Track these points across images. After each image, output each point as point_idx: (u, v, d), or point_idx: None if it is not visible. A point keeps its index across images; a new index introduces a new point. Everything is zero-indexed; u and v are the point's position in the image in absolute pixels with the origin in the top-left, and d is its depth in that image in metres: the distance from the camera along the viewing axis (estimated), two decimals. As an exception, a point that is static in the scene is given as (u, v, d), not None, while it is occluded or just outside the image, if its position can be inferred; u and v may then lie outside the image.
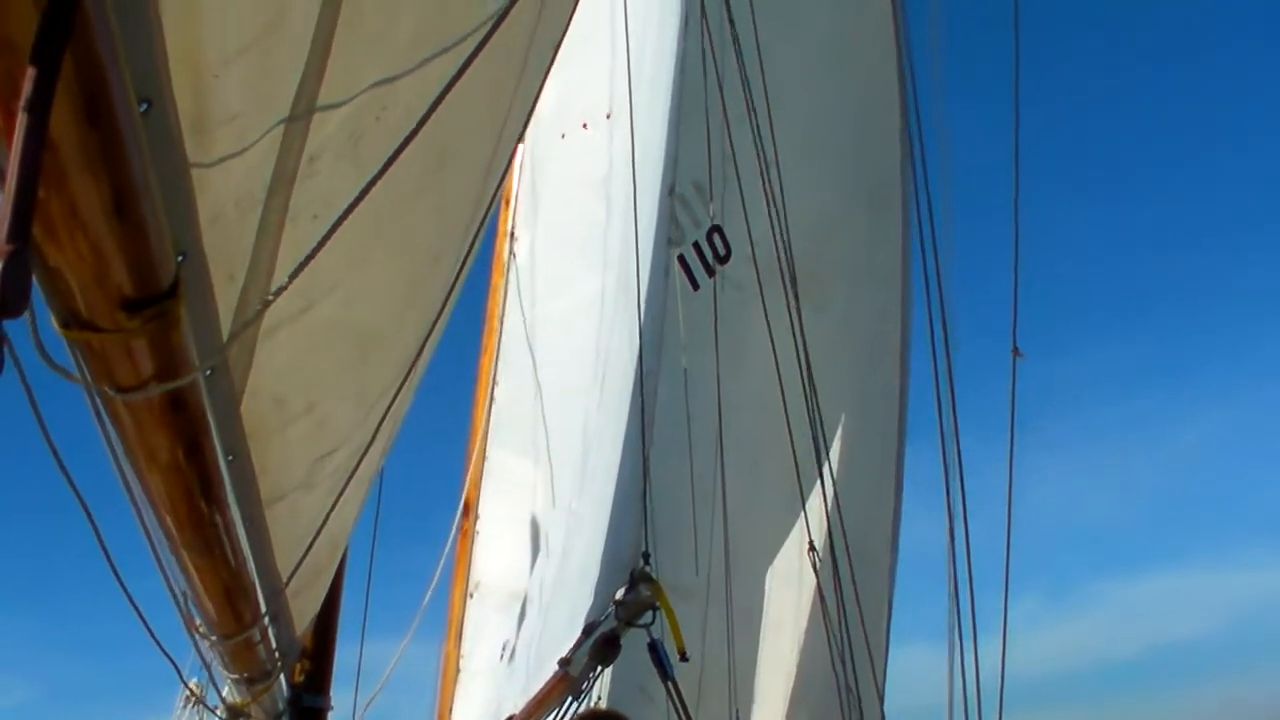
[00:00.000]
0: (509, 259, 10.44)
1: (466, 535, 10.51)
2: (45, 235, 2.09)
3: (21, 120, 1.68)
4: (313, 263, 2.76)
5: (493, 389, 10.48)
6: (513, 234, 10.52)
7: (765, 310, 8.76)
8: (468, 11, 2.85)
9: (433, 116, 2.78)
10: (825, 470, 9.26)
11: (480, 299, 10.68)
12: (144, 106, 2.12)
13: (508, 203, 10.49)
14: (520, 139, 5.06)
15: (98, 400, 2.63)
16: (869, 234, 11.38)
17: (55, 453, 2.70)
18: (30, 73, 1.68)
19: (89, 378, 2.53)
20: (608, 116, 9.45)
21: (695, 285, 10.24)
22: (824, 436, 9.08)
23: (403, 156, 2.75)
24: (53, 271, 2.22)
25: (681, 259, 10.13)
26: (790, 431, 8.82)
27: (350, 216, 2.73)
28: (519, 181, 10.53)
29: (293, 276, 2.72)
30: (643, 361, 7.74)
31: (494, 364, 10.46)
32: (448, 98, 2.84)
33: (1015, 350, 9.04)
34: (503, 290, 10.42)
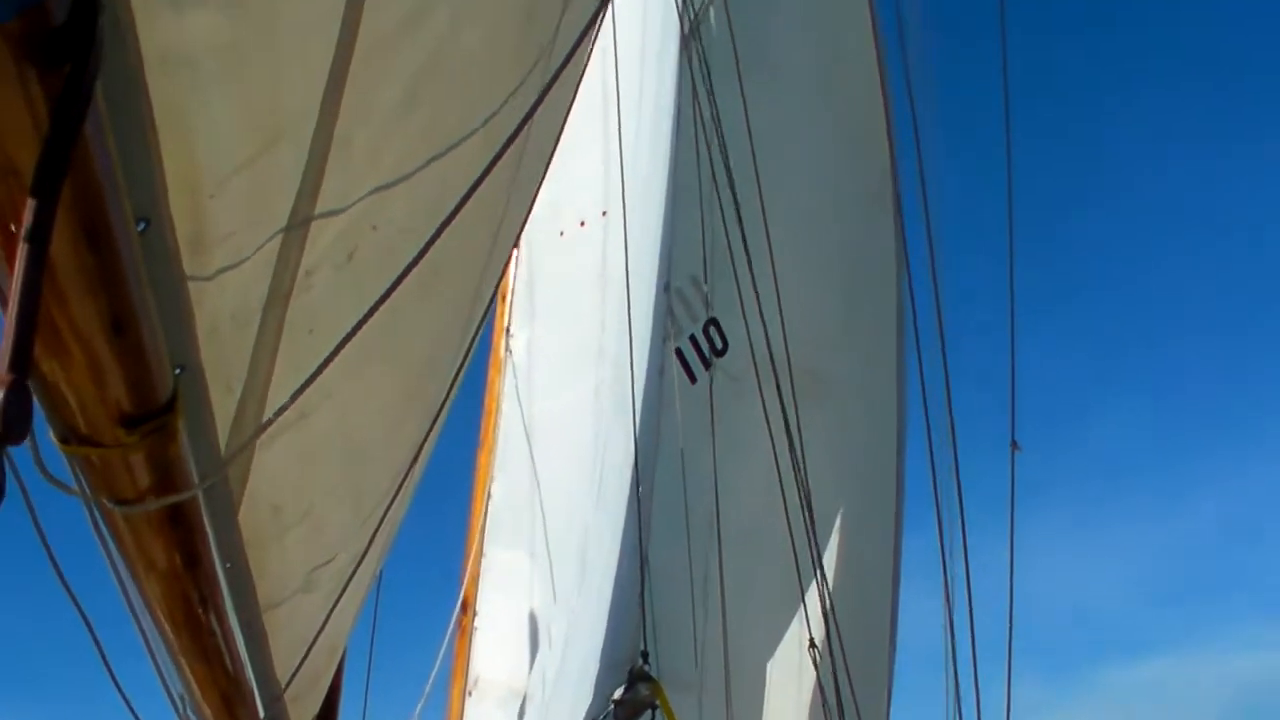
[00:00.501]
0: (506, 356, 10.48)
1: (465, 632, 10.47)
2: (45, 354, 2.12)
3: (22, 250, 1.71)
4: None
5: (490, 485, 10.48)
6: (509, 330, 10.57)
7: (764, 404, 8.78)
8: (460, 129, 2.90)
9: (427, 228, 2.82)
10: (821, 564, 9.25)
11: (477, 395, 10.71)
12: (141, 226, 2.16)
13: (504, 299, 10.54)
14: (516, 243, 5.11)
15: (96, 513, 2.66)
16: (867, 325, 11.45)
17: (56, 566, 2.73)
18: (31, 203, 1.72)
19: (88, 491, 2.55)
20: (603, 214, 9.53)
21: (693, 378, 10.30)
22: (816, 532, 9.08)
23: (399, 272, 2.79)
24: (52, 388, 2.25)
25: (679, 352, 10.19)
26: (789, 525, 8.83)
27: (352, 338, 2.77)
28: (515, 277, 10.59)
29: (294, 397, 2.75)
30: (639, 466, 7.77)
31: (491, 460, 10.46)
32: (441, 205, 2.89)
33: (1013, 444, 9.06)
34: (499, 387, 10.45)
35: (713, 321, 10.41)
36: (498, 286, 4.71)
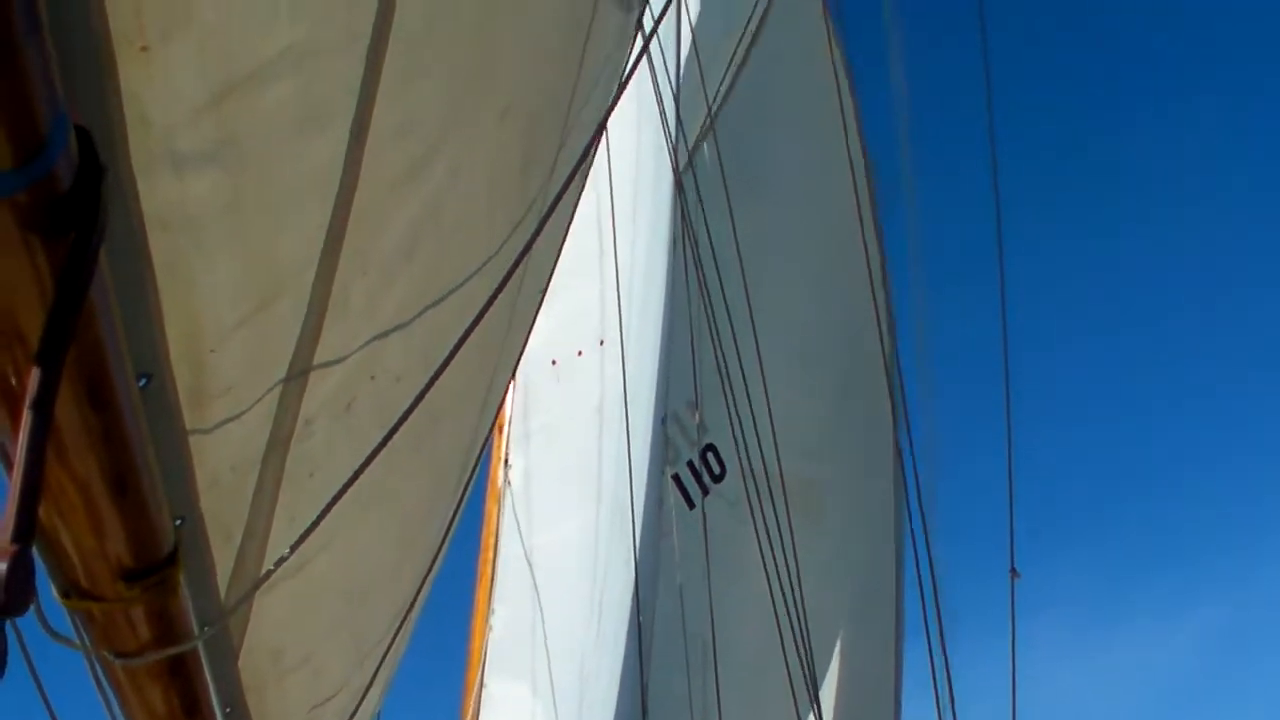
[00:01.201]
0: (504, 486, 10.47)
1: (467, 766, 10.36)
2: (46, 510, 2.14)
3: (27, 418, 1.73)
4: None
5: (490, 617, 10.42)
6: (506, 460, 10.58)
7: (757, 532, 8.77)
8: (457, 275, 2.94)
9: (423, 375, 2.85)
10: (818, 697, 9.19)
11: (475, 526, 10.68)
12: (143, 381, 2.19)
13: (500, 429, 10.56)
14: (511, 379, 5.15)
15: (97, 666, 2.66)
16: (863, 444, 11.49)
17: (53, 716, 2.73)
18: (36, 372, 1.75)
19: (89, 644, 2.55)
20: (601, 343, 9.58)
21: (690, 504, 10.30)
22: (814, 657, 9.02)
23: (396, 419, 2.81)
24: (53, 544, 2.26)
25: (676, 478, 10.20)
26: (784, 652, 8.78)
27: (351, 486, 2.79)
28: (512, 406, 10.62)
29: (294, 548, 2.76)
30: (639, 595, 7.75)
31: (490, 592, 10.42)
32: (437, 352, 2.92)
33: (1013, 572, 9.04)
34: (497, 518, 10.43)
35: (709, 447, 10.44)
36: (494, 421, 4.73)
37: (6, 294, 1.79)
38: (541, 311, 4.49)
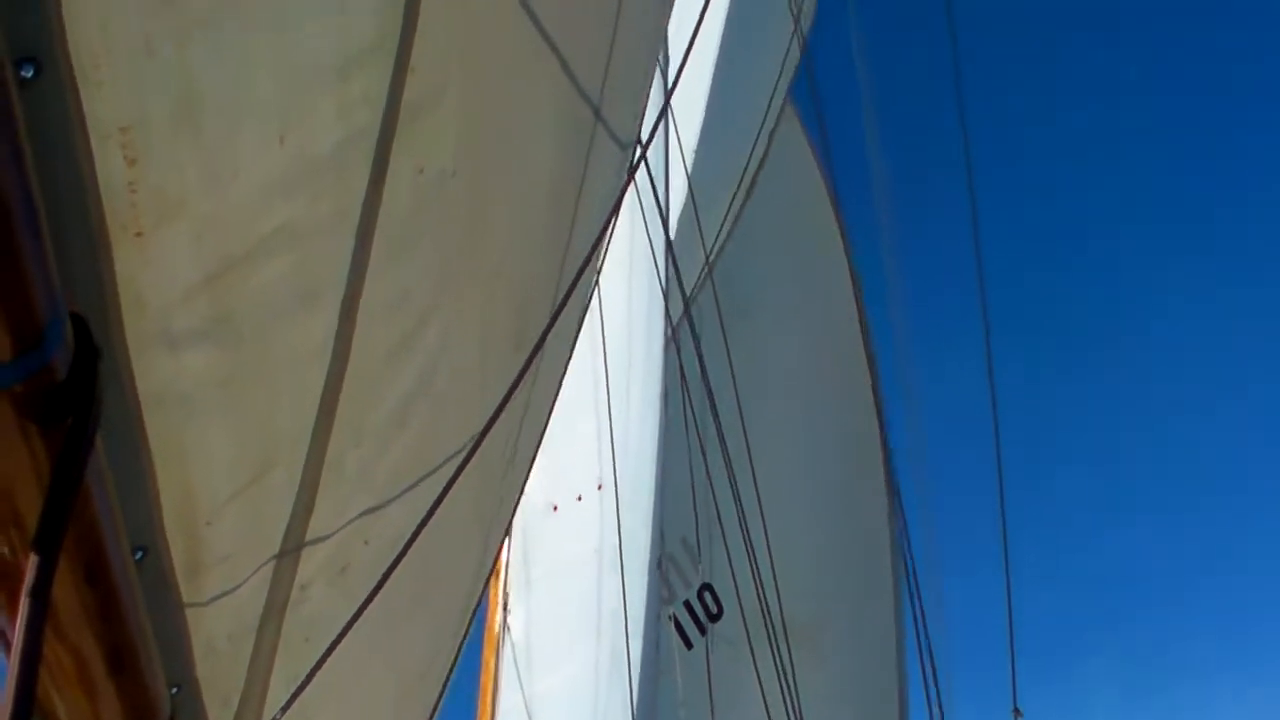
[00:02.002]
0: (502, 634, 10.41)
1: None
2: (43, 685, 2.15)
3: (24, 605, 1.76)
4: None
5: (489, 767, 10.31)
6: (506, 607, 10.52)
7: (758, 671, 8.74)
8: (450, 440, 2.97)
9: (420, 537, 2.87)
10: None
11: (472, 676, 10.57)
12: (139, 555, 2.21)
13: (497, 576, 10.52)
14: (507, 532, 5.16)
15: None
16: (862, 572, 11.48)
17: None
18: (34, 560, 1.77)
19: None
20: (599, 487, 9.59)
21: (689, 644, 10.25)
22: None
23: (392, 579, 2.83)
24: (50, 717, 2.27)
25: (674, 619, 10.17)
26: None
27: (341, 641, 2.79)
28: (510, 552, 10.59)
29: (284, 709, 2.76)
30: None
31: (490, 743, 10.31)
32: (435, 515, 2.94)
33: (1016, 712, 9.00)
34: (495, 667, 10.35)
35: (707, 586, 10.43)
36: (490, 572, 4.74)
37: (3, 481, 1.83)
38: (540, 456, 4.52)
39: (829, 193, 12.22)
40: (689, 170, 9.87)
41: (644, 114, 3.97)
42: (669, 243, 8.63)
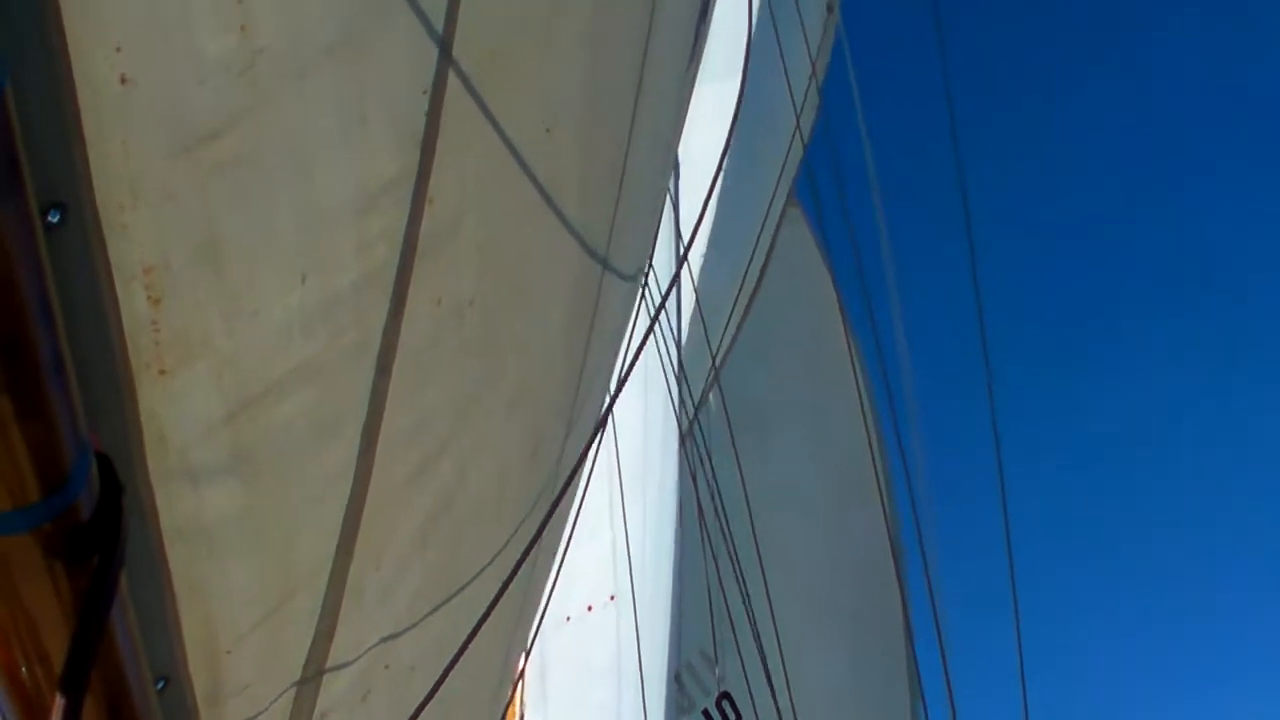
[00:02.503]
0: (523, 744, 10.34)
1: None
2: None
3: (51, 746, 1.77)
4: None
5: None
6: (522, 717, 10.46)
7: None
8: (470, 562, 2.99)
9: (438, 664, 2.88)
10: None
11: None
12: (160, 684, 2.22)
13: (514, 684, 10.45)
14: (529, 648, 5.16)
15: None
16: (879, 689, 11.41)
17: None
18: (60, 700, 1.79)
19: None
20: (611, 598, 9.57)
21: (709, 754, 10.16)
22: None
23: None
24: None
25: (694, 728, 10.10)
26: None
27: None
28: (528, 663, 10.54)
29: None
30: None
31: None
32: (452, 640, 2.94)
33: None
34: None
35: (725, 695, 10.35)
36: (512, 684, 4.73)
37: (30, 618, 1.84)
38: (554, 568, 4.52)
39: (836, 295, 12.27)
40: (695, 280, 9.94)
41: (656, 237, 4.02)
42: (680, 360, 8.67)
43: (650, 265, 4.76)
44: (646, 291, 4.74)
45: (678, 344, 8.71)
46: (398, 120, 2.12)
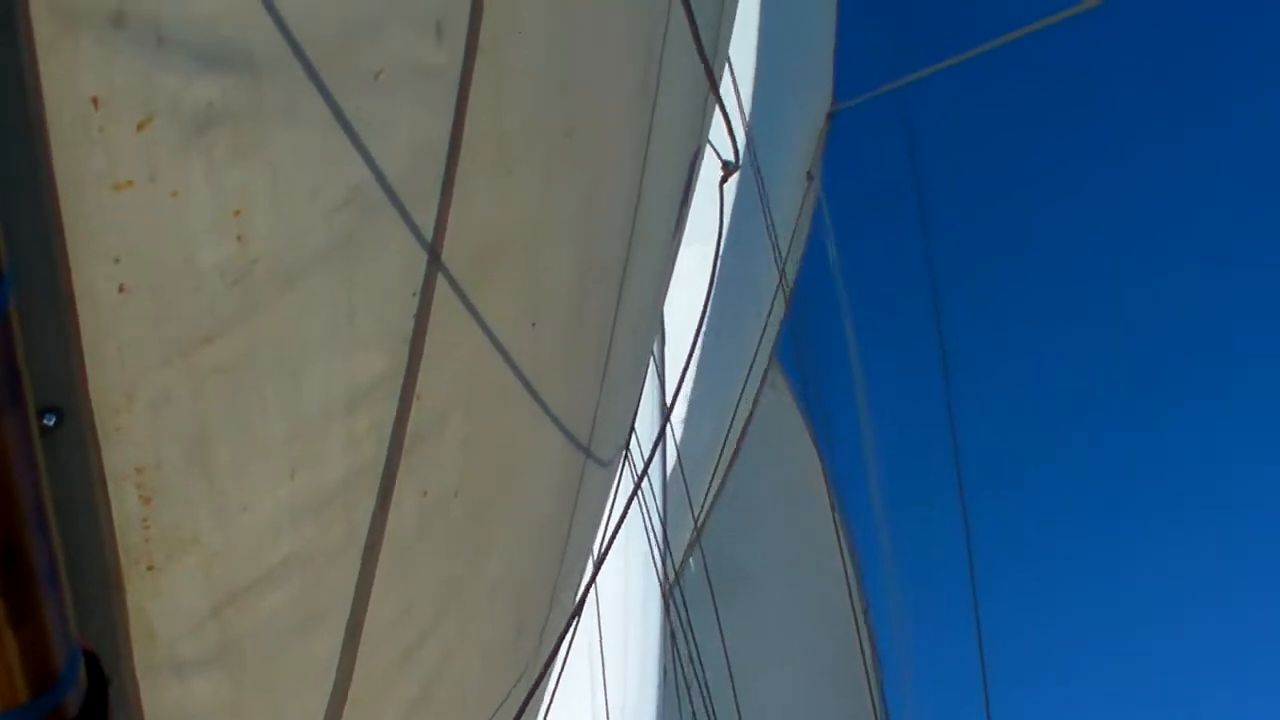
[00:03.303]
0: None
1: None
2: None
3: None
4: None
5: None
6: None
7: None
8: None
9: None
10: None
11: None
12: None
13: None
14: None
15: None
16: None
17: None
18: None
19: None
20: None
21: None
22: None
23: None
24: None
25: None
26: None
27: None
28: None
29: None
30: None
31: None
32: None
33: None
34: None
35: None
36: None
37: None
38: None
39: (818, 456, 12.32)
40: (677, 442, 9.98)
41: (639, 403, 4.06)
42: (664, 527, 8.69)
43: (633, 430, 4.80)
44: (629, 458, 4.77)
45: (662, 516, 8.73)
46: (386, 321, 2.17)
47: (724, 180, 5.57)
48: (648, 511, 8.42)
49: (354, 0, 1.88)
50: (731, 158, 5.41)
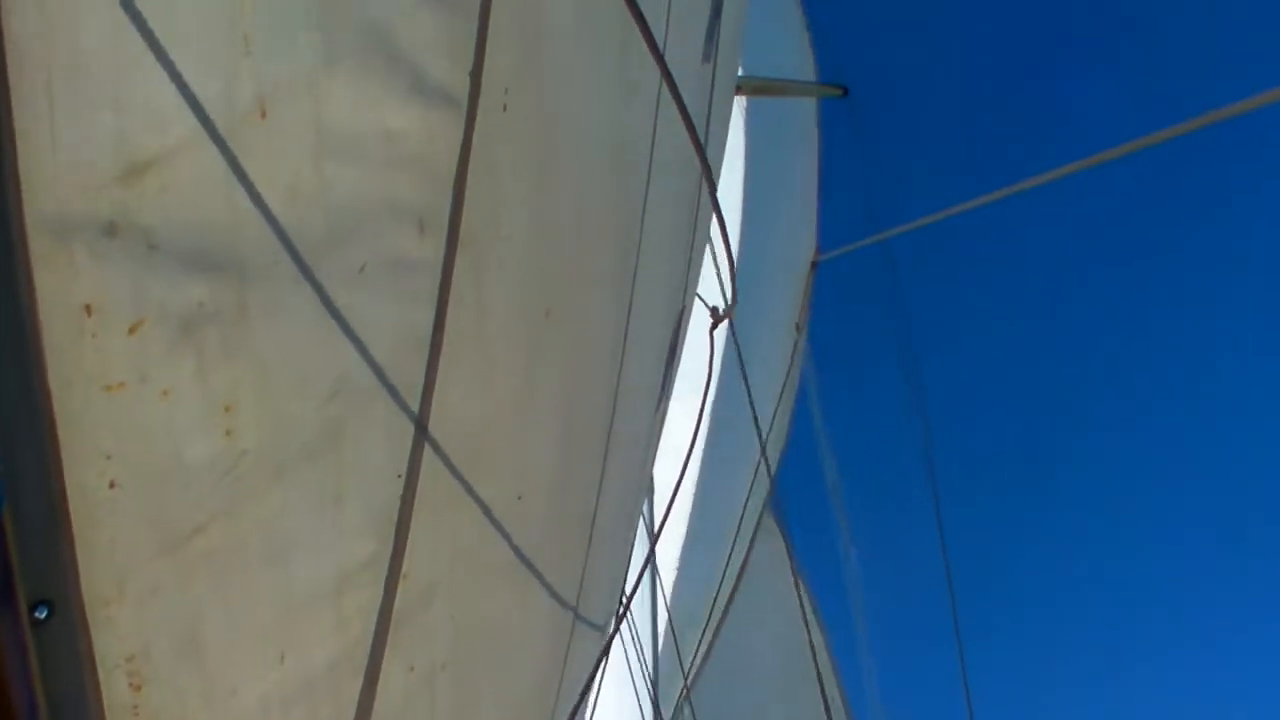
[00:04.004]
0: None
1: None
2: None
3: None
4: None
5: None
6: None
7: None
8: None
9: None
10: None
11: None
12: None
13: None
14: None
15: None
16: None
17: None
18: None
19: None
20: None
21: None
22: None
23: None
24: None
25: None
26: None
27: None
28: None
29: None
30: None
31: None
32: None
33: None
34: None
35: None
36: None
37: None
38: None
39: (810, 610, 12.26)
40: (669, 602, 9.97)
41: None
42: (655, 689, 8.67)
43: (624, 591, 4.82)
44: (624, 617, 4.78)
45: (653, 683, 8.72)
46: (373, 504, 2.21)
47: (713, 328, 5.62)
48: (640, 666, 8.39)
49: (340, 200, 1.95)
50: (721, 305, 5.47)
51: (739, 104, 10.88)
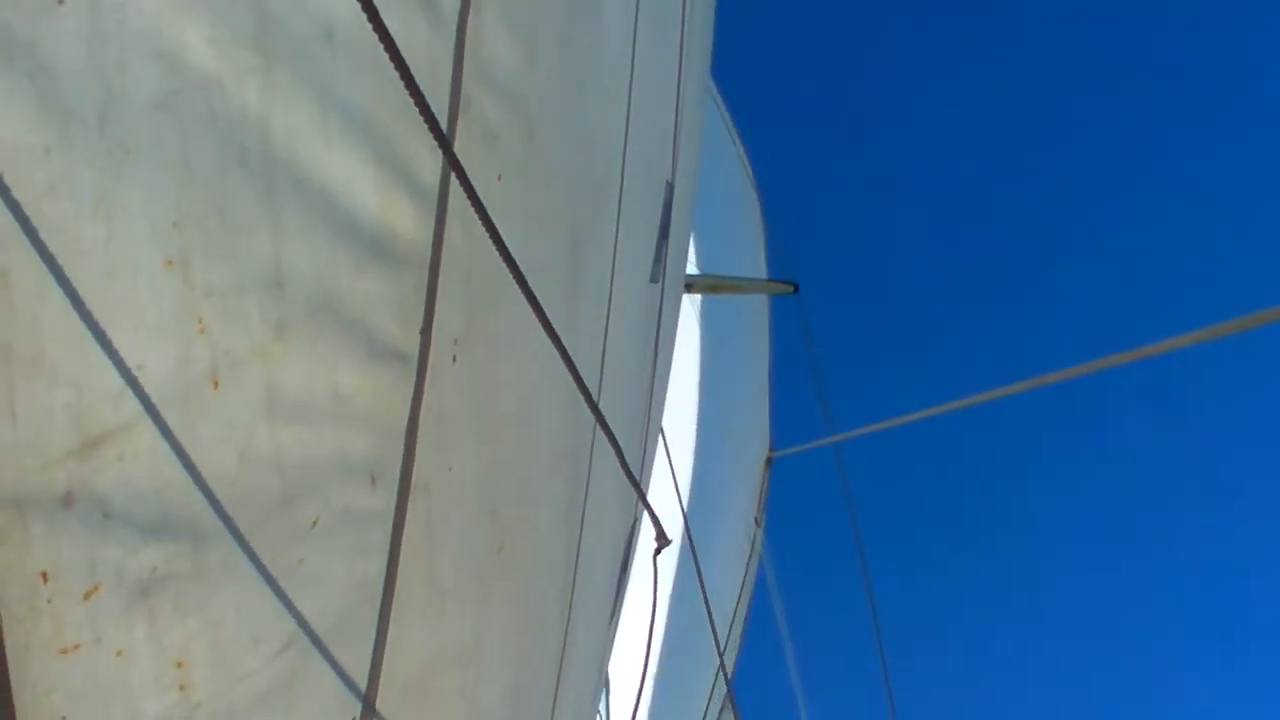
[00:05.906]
0: None
1: None
2: None
3: None
4: None
5: None
6: None
7: None
8: None
9: None
10: None
11: None
12: None
13: None
14: None
15: None
16: None
17: None
18: None
19: None
20: None
21: None
22: None
23: None
24: None
25: None
26: None
27: None
28: None
29: None
30: None
31: None
32: None
33: None
34: None
35: None
36: None
37: None
38: None
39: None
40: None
41: None
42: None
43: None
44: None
45: None
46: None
47: (657, 553, 5.66)
48: None
49: (292, 460, 2.00)
50: (667, 528, 5.52)
51: (692, 301, 11.03)
